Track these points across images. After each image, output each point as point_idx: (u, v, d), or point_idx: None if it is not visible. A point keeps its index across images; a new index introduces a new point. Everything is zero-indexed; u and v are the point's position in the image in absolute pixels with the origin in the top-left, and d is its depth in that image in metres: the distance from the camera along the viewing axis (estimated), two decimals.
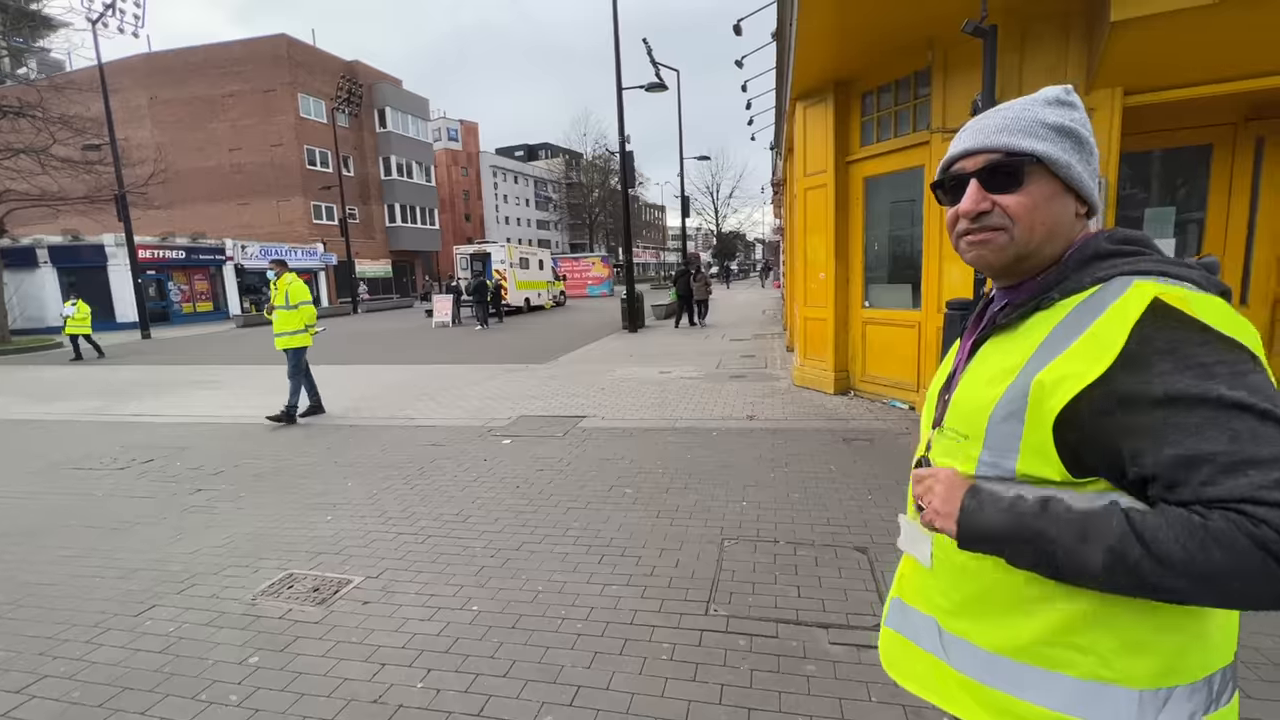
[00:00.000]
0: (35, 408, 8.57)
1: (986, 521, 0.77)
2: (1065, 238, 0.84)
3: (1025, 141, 0.82)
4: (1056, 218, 0.83)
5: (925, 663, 0.93)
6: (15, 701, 2.33)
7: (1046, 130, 0.82)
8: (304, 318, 7.08)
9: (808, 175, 7.27)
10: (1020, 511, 0.74)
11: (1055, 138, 0.82)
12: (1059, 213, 0.83)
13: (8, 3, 23.22)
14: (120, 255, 22.16)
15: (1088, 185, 0.84)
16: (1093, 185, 0.84)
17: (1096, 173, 0.85)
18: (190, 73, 34.73)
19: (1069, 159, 0.82)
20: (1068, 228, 0.84)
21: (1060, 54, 4.69)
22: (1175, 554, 0.63)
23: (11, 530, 4.03)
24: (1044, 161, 0.81)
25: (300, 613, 2.87)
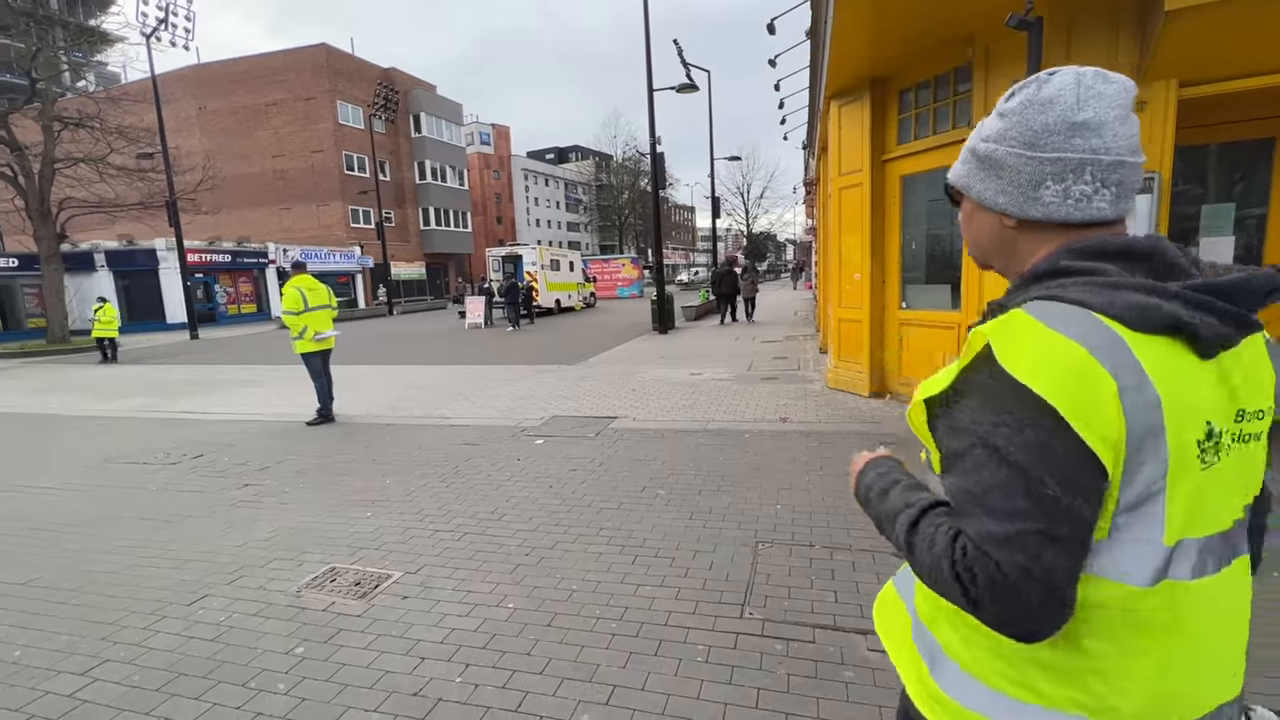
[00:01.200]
0: (93, 405, 8.99)
1: (860, 495, 0.95)
2: (1005, 251, 0.85)
3: (953, 168, 0.89)
4: (980, 233, 0.87)
5: (901, 621, 0.95)
6: (80, 684, 2.45)
7: (964, 153, 0.87)
8: (292, 327, 6.85)
9: (842, 174, 7.17)
10: (869, 493, 0.91)
11: (965, 158, 0.86)
12: (980, 229, 0.87)
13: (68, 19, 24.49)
14: (171, 259, 23.12)
15: (992, 203, 0.82)
16: (1007, 200, 0.80)
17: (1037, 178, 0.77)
18: (236, 83, 36.07)
19: (966, 182, 0.86)
20: (1001, 242, 0.85)
21: (1110, 46, 4.53)
22: (921, 560, 0.75)
23: (74, 521, 4.24)
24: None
25: (343, 606, 2.95)
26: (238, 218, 35.45)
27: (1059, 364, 0.66)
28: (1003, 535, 0.66)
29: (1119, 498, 0.67)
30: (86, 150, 18.93)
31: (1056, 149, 0.75)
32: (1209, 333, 0.67)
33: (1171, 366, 0.67)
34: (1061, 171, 0.75)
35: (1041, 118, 0.76)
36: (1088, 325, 0.67)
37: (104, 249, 24.41)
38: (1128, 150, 0.74)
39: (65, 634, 2.81)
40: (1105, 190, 0.74)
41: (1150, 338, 0.66)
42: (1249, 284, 0.69)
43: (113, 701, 2.34)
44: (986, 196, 0.83)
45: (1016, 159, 0.78)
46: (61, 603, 3.11)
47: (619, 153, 62.64)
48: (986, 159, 0.82)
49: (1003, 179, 0.80)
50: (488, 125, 60.85)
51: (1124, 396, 0.64)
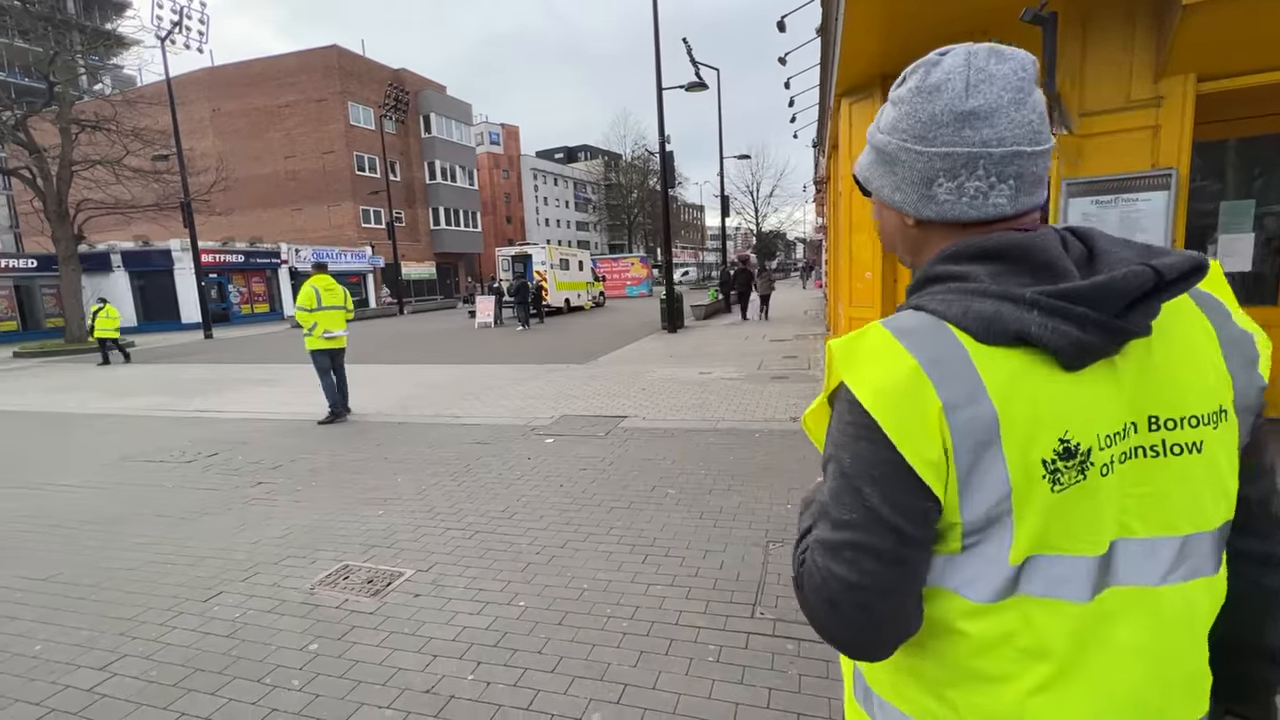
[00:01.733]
0: (110, 403, 9.12)
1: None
2: (911, 249, 0.78)
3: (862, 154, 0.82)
4: (886, 229, 0.81)
5: None
6: (100, 678, 2.49)
7: (866, 144, 0.79)
8: (304, 323, 7.02)
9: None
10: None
11: (866, 149, 0.79)
12: (886, 225, 0.81)
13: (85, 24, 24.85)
14: (185, 259, 23.40)
15: (889, 199, 0.76)
16: (902, 197, 0.73)
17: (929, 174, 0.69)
18: (249, 85, 36.42)
19: (867, 174, 0.78)
20: (905, 241, 0.78)
21: (1126, 41, 4.47)
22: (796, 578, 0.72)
23: (94, 518, 4.31)
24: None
25: (355, 603, 2.98)
26: (251, 218, 35.82)
27: (888, 380, 0.63)
28: (831, 543, 0.65)
29: (963, 517, 0.63)
30: (103, 152, 19.20)
31: (945, 142, 0.67)
32: (1063, 343, 0.60)
33: (1020, 380, 0.61)
34: (953, 168, 0.67)
35: (929, 107, 0.68)
36: (932, 339, 0.63)
37: (120, 250, 24.77)
38: (1025, 139, 0.66)
39: (85, 629, 2.86)
40: (1002, 185, 0.67)
41: (997, 350, 0.61)
42: (1109, 288, 0.60)
43: (131, 696, 2.37)
44: (884, 193, 0.76)
45: (907, 154, 0.70)
46: (81, 598, 3.16)
47: (628, 152, 62.62)
48: (882, 152, 0.74)
49: (897, 175, 0.73)
50: (497, 125, 61.03)
51: (950, 415, 0.60)
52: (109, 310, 14.44)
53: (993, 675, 0.65)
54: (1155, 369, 0.65)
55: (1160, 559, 0.66)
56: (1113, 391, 0.63)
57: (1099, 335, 0.60)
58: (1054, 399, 0.61)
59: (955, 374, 0.61)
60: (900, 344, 0.64)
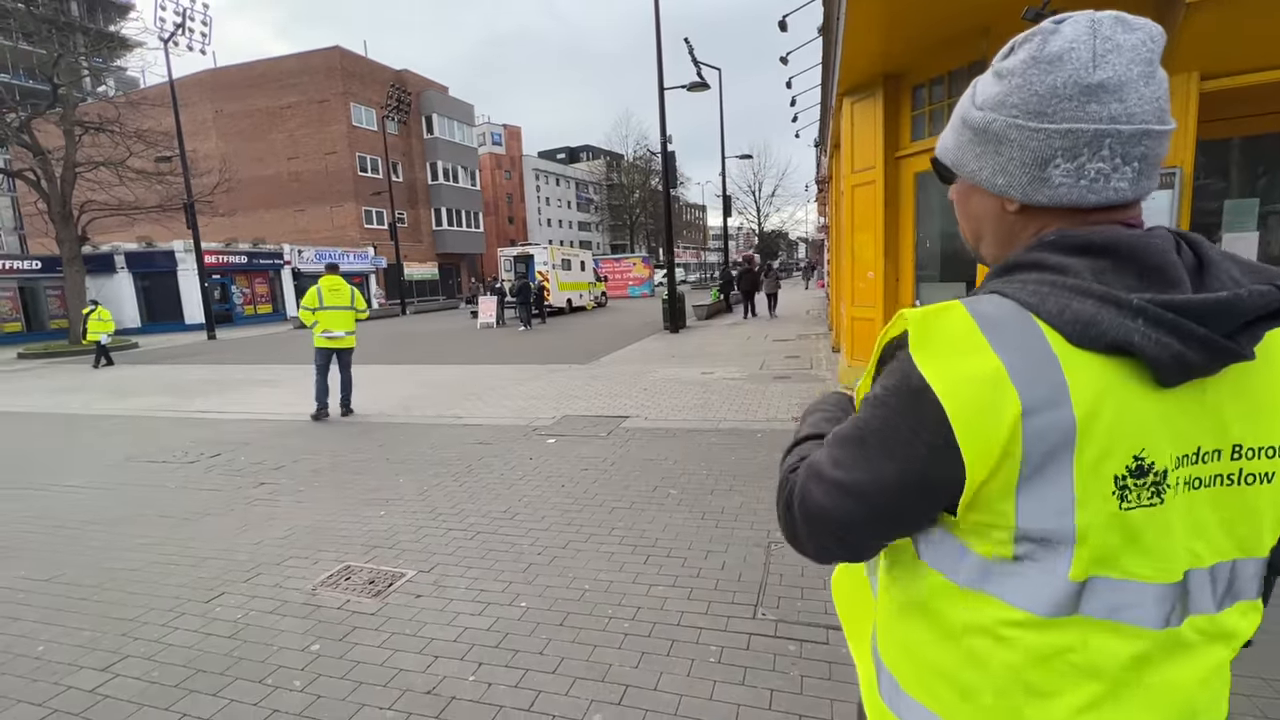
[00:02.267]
0: (114, 404, 9.15)
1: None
2: (1003, 238, 0.72)
3: (942, 137, 0.77)
4: (977, 220, 0.75)
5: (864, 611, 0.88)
6: (102, 679, 2.49)
7: (955, 122, 0.74)
8: (306, 321, 7.29)
9: (855, 172, 7.11)
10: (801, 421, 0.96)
11: (959, 130, 0.73)
12: (978, 214, 0.74)
13: (89, 26, 24.94)
14: (189, 260, 23.46)
15: (990, 183, 0.69)
16: (1008, 180, 0.67)
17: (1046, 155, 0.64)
18: (251, 86, 36.50)
19: (958, 157, 0.73)
20: (999, 229, 0.72)
21: None
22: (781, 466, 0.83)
23: (97, 519, 4.32)
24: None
25: (357, 604, 2.98)
26: (254, 219, 35.91)
27: (967, 374, 0.59)
28: (828, 479, 0.68)
29: (1018, 522, 0.61)
30: (107, 154, 19.28)
31: (1067, 118, 0.62)
32: (1164, 356, 0.56)
33: (1108, 391, 0.58)
34: (1074, 146, 0.62)
35: (1048, 79, 0.62)
36: (1019, 336, 0.60)
37: (124, 251, 24.84)
38: (1154, 116, 0.61)
39: (87, 630, 2.86)
40: (1126, 167, 0.62)
41: (1089, 355, 0.58)
42: (1229, 306, 0.56)
43: (133, 697, 2.37)
44: (984, 176, 0.70)
45: (1019, 132, 0.65)
46: (84, 599, 3.16)
47: (630, 152, 62.63)
48: (983, 131, 0.68)
49: (1002, 155, 0.67)
50: (499, 126, 61.08)
51: (1027, 420, 0.57)
52: (101, 313, 14.11)
53: (1041, 689, 0.64)
54: (1248, 395, 0.61)
55: (1219, 584, 0.65)
56: (1197, 412, 0.60)
57: (1203, 354, 0.56)
58: (1138, 414, 0.59)
59: (1040, 377, 0.58)
60: (984, 336, 0.60)
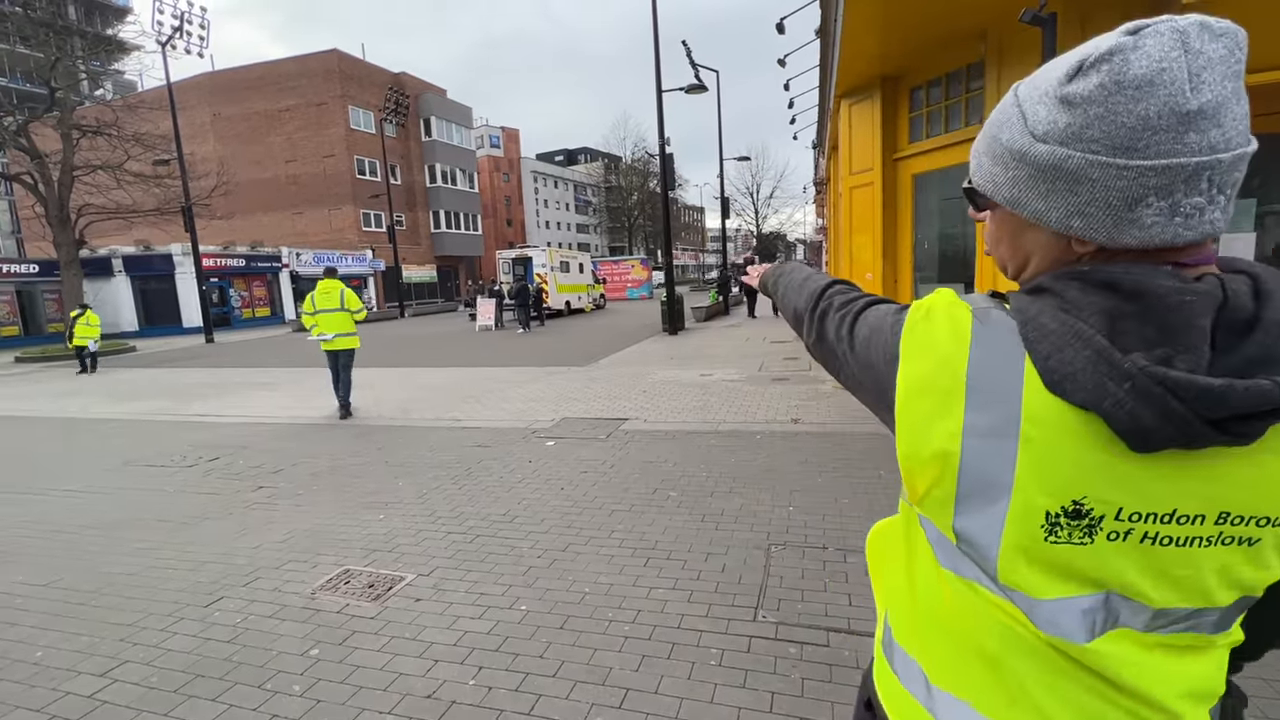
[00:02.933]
0: (112, 408, 9.12)
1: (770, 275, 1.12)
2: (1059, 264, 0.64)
3: (976, 162, 0.68)
4: (1027, 253, 0.65)
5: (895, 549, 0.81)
6: (100, 685, 2.48)
7: (1001, 151, 0.62)
8: (305, 324, 7.61)
9: (853, 173, 7.12)
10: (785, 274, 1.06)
11: (1008, 163, 0.61)
12: (1032, 249, 0.64)
13: (86, 29, 24.93)
14: (186, 264, 23.44)
15: (1063, 225, 0.58)
16: (1086, 223, 0.57)
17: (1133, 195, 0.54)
18: (249, 89, 36.48)
19: (1013, 194, 0.61)
20: (1057, 261, 0.62)
21: None
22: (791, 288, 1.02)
23: (95, 523, 4.30)
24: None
25: (356, 608, 2.97)
26: (252, 222, 35.85)
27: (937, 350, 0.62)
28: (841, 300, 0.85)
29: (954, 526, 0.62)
30: (104, 157, 19.26)
31: (1164, 153, 0.52)
32: (1133, 427, 0.53)
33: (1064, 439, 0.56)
34: (1171, 184, 0.53)
35: (1138, 108, 0.52)
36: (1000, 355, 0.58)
37: (121, 254, 24.79)
38: (1247, 138, 0.54)
39: (85, 635, 2.85)
40: (1220, 196, 0.54)
41: (1061, 402, 0.55)
42: (1220, 397, 0.50)
43: (132, 703, 2.36)
44: (1052, 217, 0.59)
45: (1103, 171, 0.54)
46: (81, 604, 3.15)
47: (628, 154, 62.72)
48: (1054, 169, 0.57)
49: (1080, 196, 0.56)
50: (497, 128, 61.10)
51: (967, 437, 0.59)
52: (90, 317, 13.45)
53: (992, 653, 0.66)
54: (1252, 470, 0.55)
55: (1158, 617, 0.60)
56: (1175, 477, 0.55)
57: (1179, 433, 0.52)
58: (1093, 468, 0.55)
59: (997, 403, 0.57)
60: (969, 335, 0.60)
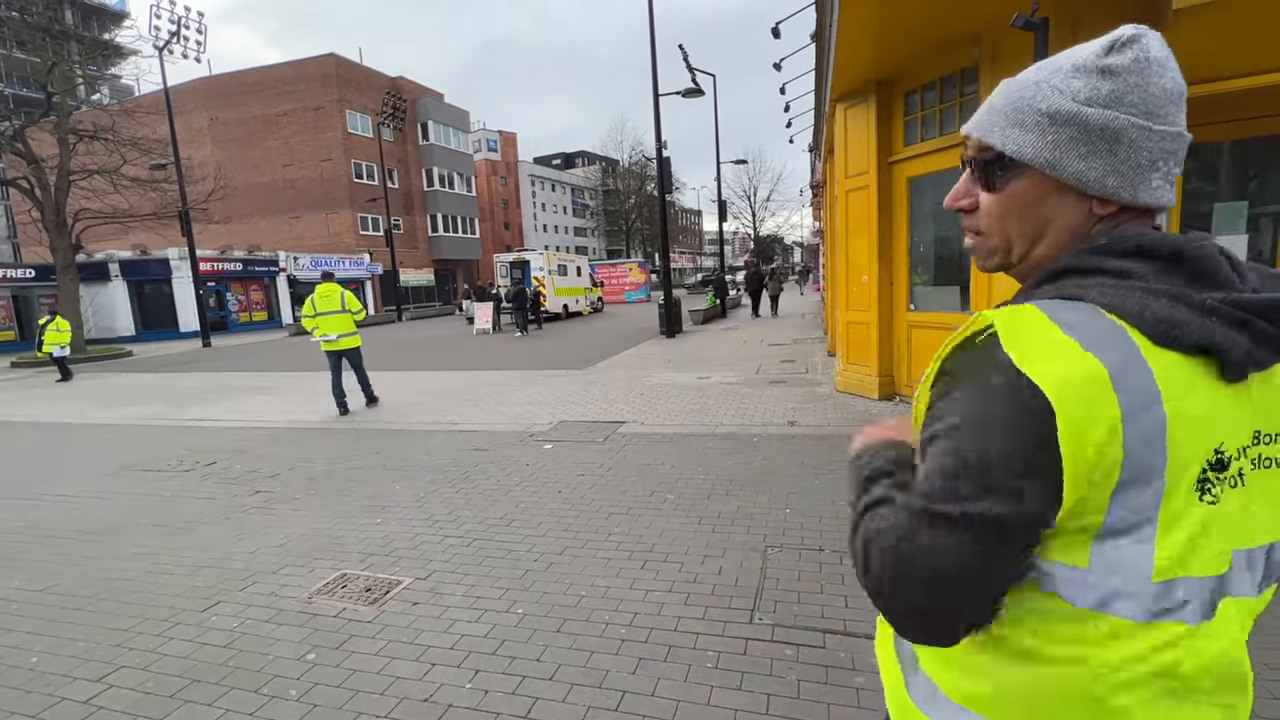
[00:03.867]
0: (108, 412, 9.10)
1: (853, 473, 0.86)
2: (1074, 242, 0.69)
3: (999, 134, 0.70)
4: (1045, 223, 0.70)
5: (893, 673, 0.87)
6: (96, 690, 2.48)
7: (1038, 118, 0.67)
8: (307, 326, 8.00)
9: (849, 177, 7.15)
10: (859, 471, 0.82)
11: (1046, 127, 0.67)
12: (1052, 218, 0.69)
13: (83, 34, 24.93)
14: (183, 268, 23.42)
15: (1099, 185, 0.66)
16: (1118, 181, 0.66)
17: (1152, 158, 0.65)
18: (246, 94, 36.51)
19: (1054, 156, 0.66)
20: (1076, 233, 0.69)
21: None
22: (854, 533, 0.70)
23: (91, 528, 4.29)
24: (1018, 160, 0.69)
25: (353, 612, 2.97)
26: (249, 227, 35.84)
27: (1069, 374, 0.57)
28: (932, 514, 0.60)
29: (1106, 521, 0.60)
30: (101, 162, 19.24)
31: (1171, 122, 0.65)
32: (1238, 356, 0.59)
33: (1191, 389, 0.59)
34: (1174, 150, 0.66)
35: (1162, 81, 0.64)
36: (1108, 338, 0.59)
37: (118, 259, 24.76)
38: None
39: (81, 640, 2.85)
40: (1176, 171, 0.67)
41: (1170, 354, 0.59)
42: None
43: (128, 708, 2.36)
44: (1092, 177, 0.66)
45: (1139, 132, 0.64)
46: (77, 609, 3.15)
47: (625, 157, 62.84)
48: (1100, 129, 0.65)
49: (1117, 156, 0.65)
50: (495, 132, 61.19)
51: (1126, 426, 0.57)
52: (59, 323, 13.08)
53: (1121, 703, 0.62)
54: (1272, 384, 0.64)
55: (1256, 569, 0.65)
56: (1245, 403, 0.63)
57: (1269, 350, 0.60)
58: (1214, 410, 0.60)
59: (1136, 382, 0.58)
60: (1079, 340, 0.59)
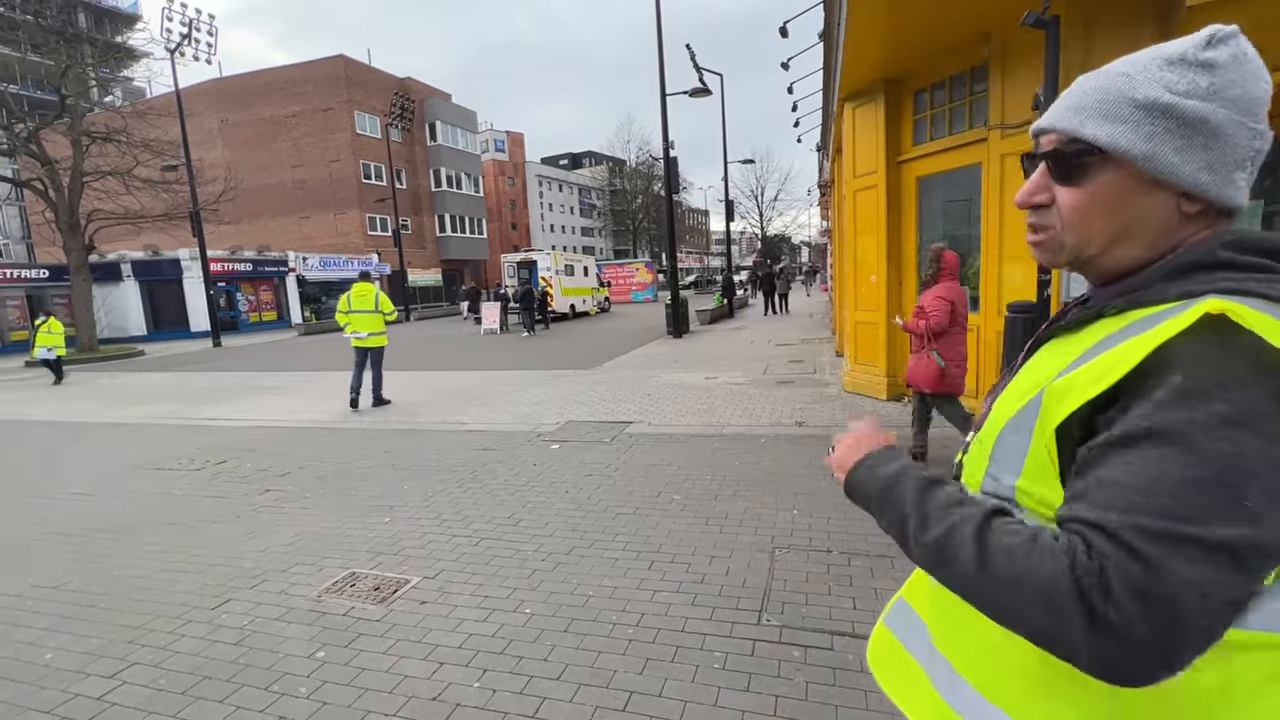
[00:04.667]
0: (121, 411, 9.20)
1: (866, 479, 0.78)
2: (1156, 240, 0.67)
3: (1091, 126, 0.67)
4: (1131, 221, 0.67)
5: (909, 671, 0.86)
6: (109, 686, 2.51)
7: (1132, 110, 0.65)
8: (340, 323, 8.18)
9: (857, 176, 7.12)
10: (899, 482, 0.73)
11: (1141, 120, 0.64)
12: (1138, 214, 0.67)
13: (96, 37, 25.20)
14: (194, 268, 23.59)
15: (1192, 180, 0.64)
16: (1212, 178, 0.64)
17: (1243, 157, 0.65)
18: (256, 95, 36.79)
19: (1150, 149, 0.64)
20: (1159, 230, 0.67)
21: (1130, 44, 4.38)
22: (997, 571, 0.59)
23: (105, 526, 4.34)
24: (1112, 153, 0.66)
25: (362, 610, 2.99)
26: (259, 227, 36.10)
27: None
28: (1174, 535, 0.51)
29: None
30: (114, 163, 19.44)
31: (1262, 121, 0.65)
32: None
33: None
34: (1260, 150, 0.65)
35: (1258, 80, 0.64)
36: None
37: (130, 259, 25.00)
38: None
39: (95, 637, 2.88)
40: (1254, 175, 0.67)
41: None
42: None
43: (140, 704, 2.38)
44: (1185, 171, 0.64)
45: (1235, 127, 0.63)
46: (91, 606, 3.18)
47: (632, 158, 62.82)
48: (1199, 122, 0.63)
49: (1213, 151, 0.63)
50: (502, 132, 61.35)
51: None
52: (52, 324, 12.86)
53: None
54: None
55: None
56: None
57: None
58: None
59: None
60: None
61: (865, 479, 0.79)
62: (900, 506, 0.71)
